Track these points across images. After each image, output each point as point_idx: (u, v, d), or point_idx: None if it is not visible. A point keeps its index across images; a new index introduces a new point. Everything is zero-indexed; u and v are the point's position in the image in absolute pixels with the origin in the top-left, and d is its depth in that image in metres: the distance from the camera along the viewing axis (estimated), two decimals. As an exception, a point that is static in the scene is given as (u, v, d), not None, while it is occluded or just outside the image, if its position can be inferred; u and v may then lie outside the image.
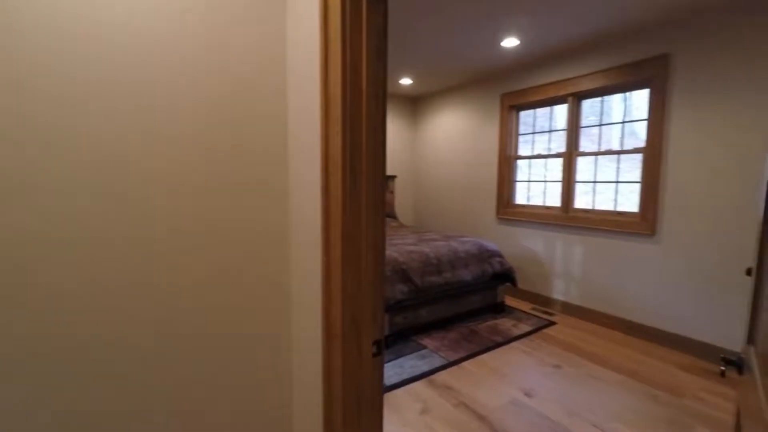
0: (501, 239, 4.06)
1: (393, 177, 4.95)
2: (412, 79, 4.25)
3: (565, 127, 3.43)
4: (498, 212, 4.06)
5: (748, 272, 1.40)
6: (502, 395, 2.16)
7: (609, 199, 3.18)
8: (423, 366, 2.47)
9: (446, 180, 4.78)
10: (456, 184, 4.63)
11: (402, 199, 5.28)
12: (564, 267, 3.46)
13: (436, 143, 4.93)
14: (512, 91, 3.84)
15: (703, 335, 2.59)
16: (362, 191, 0.89)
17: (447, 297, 3.04)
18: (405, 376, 2.34)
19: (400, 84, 4.46)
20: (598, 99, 3.24)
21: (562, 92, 3.40)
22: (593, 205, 3.29)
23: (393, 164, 5.14)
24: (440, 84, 4.46)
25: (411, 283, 2.81)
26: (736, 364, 0.94)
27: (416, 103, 5.25)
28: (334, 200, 0.89)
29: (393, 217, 4.64)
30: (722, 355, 0.98)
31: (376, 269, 0.94)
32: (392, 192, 4.88)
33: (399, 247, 3.09)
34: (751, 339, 0.94)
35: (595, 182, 3.27)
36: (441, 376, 2.36)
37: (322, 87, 0.91)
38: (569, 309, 3.42)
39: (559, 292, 3.52)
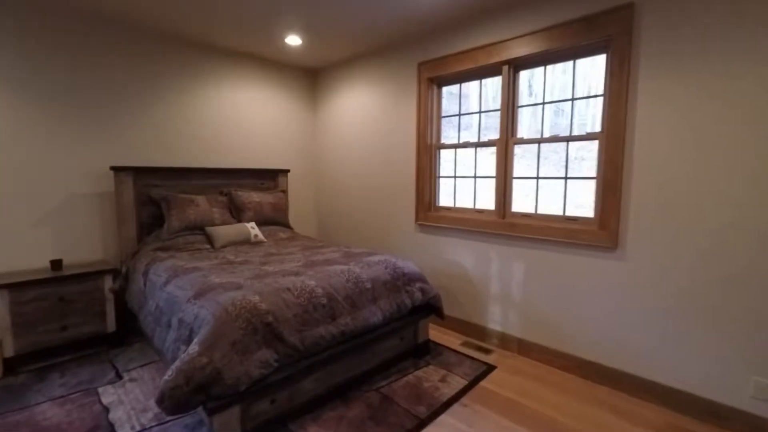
0: (422, 252, 3.16)
1: (284, 171, 3.77)
2: (302, 38, 3.11)
3: (499, 107, 2.63)
4: (417, 217, 3.15)
5: None
6: None
7: (557, 201, 2.45)
8: (297, 500, 1.41)
9: (353, 175, 3.76)
10: (366, 181, 3.63)
11: (298, 201, 4.13)
12: (501, 288, 2.67)
13: (341, 128, 3.87)
14: (432, 59, 2.94)
15: (683, 383, 1.94)
16: None
17: (345, 352, 2.00)
18: None
19: (287, 45, 3.28)
20: (540, 69, 2.48)
21: (494, 59, 2.57)
22: (536, 209, 2.53)
23: (284, 154, 3.95)
24: (343, 49, 3.39)
25: (283, 345, 1.72)
26: None
27: (316, 77, 4.12)
28: None
29: (284, 225, 3.48)
30: None
31: None
32: (284, 191, 3.70)
33: (269, 279, 1.97)
34: None
35: (538, 178, 2.51)
36: None
37: None
38: (509, 343, 2.63)
39: (495, 320, 2.72)
